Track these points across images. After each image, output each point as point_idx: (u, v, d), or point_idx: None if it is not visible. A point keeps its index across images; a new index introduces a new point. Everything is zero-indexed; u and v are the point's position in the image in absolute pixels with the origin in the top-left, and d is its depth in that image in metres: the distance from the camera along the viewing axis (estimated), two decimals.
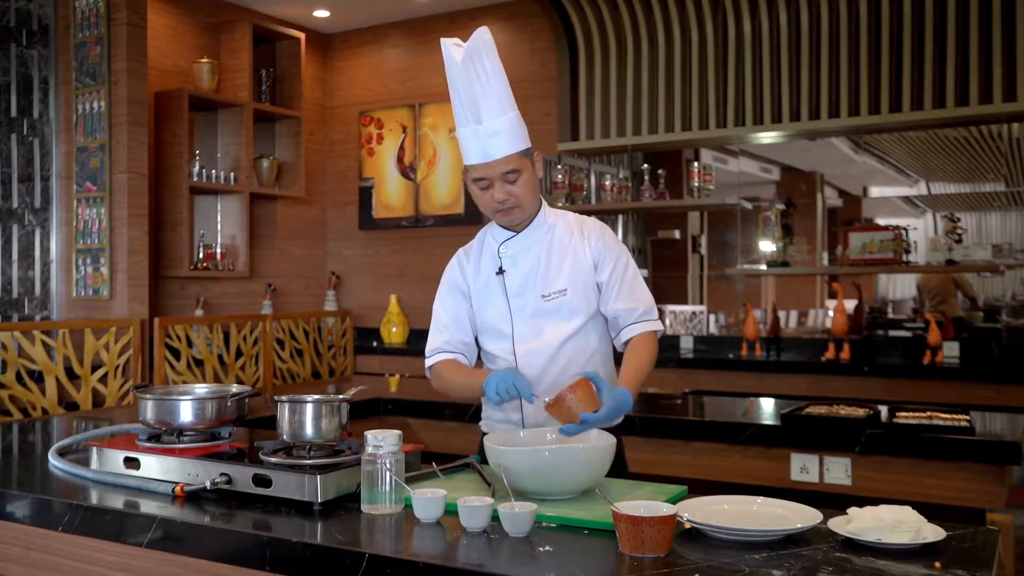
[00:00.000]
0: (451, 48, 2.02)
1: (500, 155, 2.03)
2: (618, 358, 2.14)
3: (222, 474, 1.77)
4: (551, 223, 2.18)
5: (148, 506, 1.73)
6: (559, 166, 5.40)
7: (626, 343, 2.12)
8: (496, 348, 2.17)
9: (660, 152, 5.43)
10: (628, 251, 2.20)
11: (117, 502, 1.78)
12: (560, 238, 2.15)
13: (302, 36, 5.97)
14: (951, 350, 4.53)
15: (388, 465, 1.64)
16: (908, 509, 1.49)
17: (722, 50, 5.03)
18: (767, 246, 5.09)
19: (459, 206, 5.90)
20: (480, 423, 2.29)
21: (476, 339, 2.23)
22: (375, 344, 6.05)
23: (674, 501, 1.61)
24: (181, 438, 1.97)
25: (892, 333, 5.16)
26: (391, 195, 6.20)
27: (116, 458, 1.94)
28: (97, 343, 4.35)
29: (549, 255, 2.13)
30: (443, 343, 2.19)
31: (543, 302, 2.11)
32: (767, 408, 3.29)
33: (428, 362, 2.21)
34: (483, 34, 2.01)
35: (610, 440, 1.78)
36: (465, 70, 2.00)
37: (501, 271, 2.16)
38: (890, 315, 5.39)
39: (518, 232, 2.16)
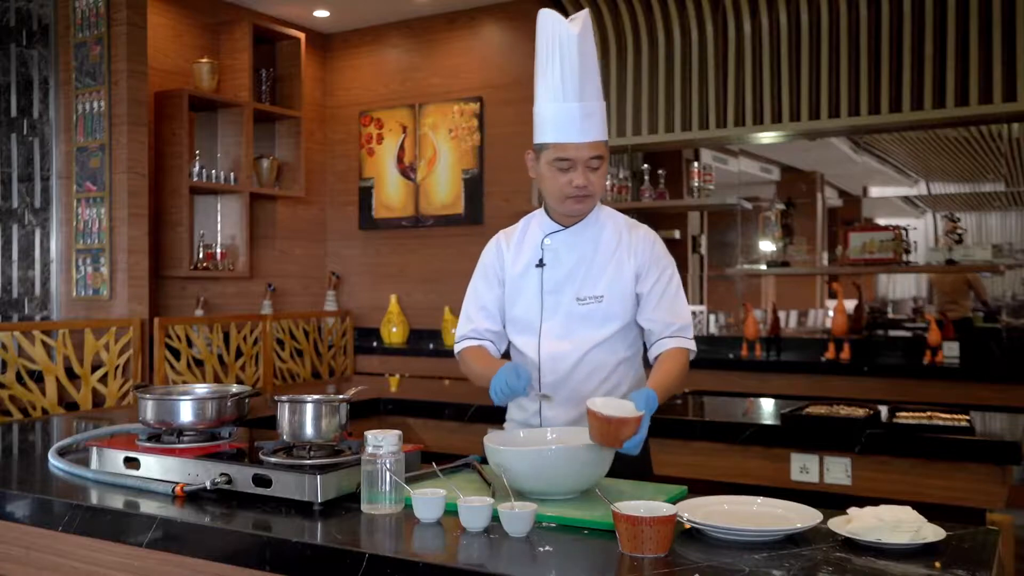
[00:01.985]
0: (561, 19, 1.96)
1: (595, 137, 1.97)
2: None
3: (222, 474, 1.77)
4: (601, 222, 2.11)
5: (148, 506, 1.73)
6: None
7: (657, 357, 2.06)
8: (522, 342, 2.13)
9: (660, 152, 5.43)
10: (675, 264, 2.13)
11: (117, 502, 1.78)
12: (607, 240, 2.08)
13: (302, 36, 5.97)
14: (951, 350, 4.53)
15: (388, 465, 1.64)
16: (908, 509, 1.49)
17: (722, 50, 5.03)
18: (767, 246, 5.09)
19: (459, 206, 5.90)
20: (504, 425, 2.25)
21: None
22: (375, 344, 6.05)
23: (674, 501, 1.60)
24: (181, 438, 1.96)
25: (892, 333, 5.16)
26: (391, 195, 6.20)
27: (116, 458, 1.94)
28: (97, 343, 4.35)
29: (593, 257, 2.07)
30: (471, 330, 2.16)
31: (577, 305, 2.05)
32: (767, 408, 3.29)
33: (456, 348, 2.19)
34: (588, 16, 1.97)
35: None
36: (579, 44, 1.93)
37: (541, 263, 2.09)
38: (890, 315, 5.39)
39: (566, 227, 2.09)
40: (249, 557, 1.56)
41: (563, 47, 1.94)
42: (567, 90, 1.95)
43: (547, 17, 1.97)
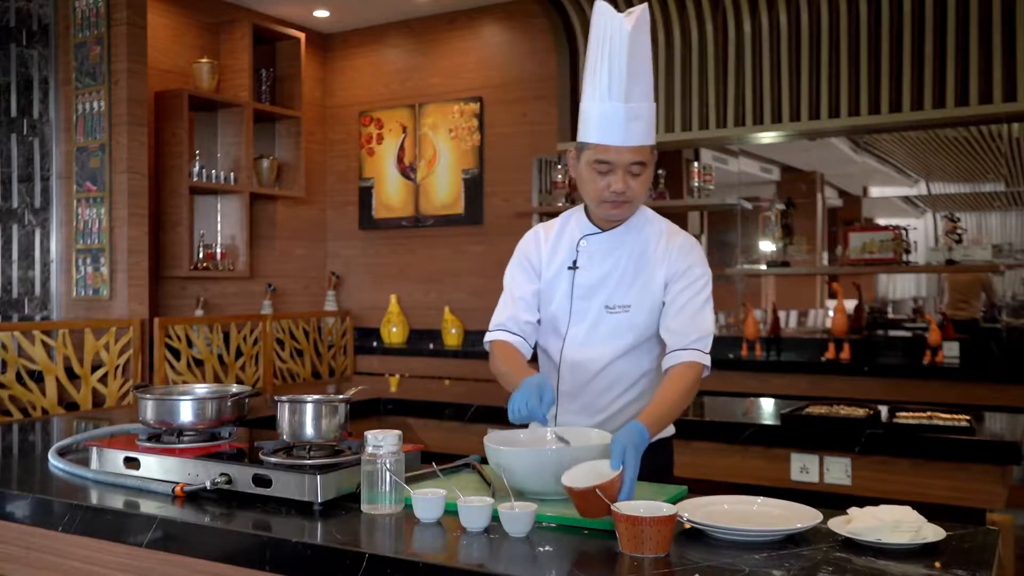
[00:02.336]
0: (615, 14, 1.86)
1: (638, 142, 1.87)
2: None
3: (222, 474, 1.77)
4: (641, 228, 2.01)
5: (148, 506, 1.73)
6: (559, 166, 5.40)
7: (666, 371, 1.92)
8: (546, 344, 2.07)
9: (660, 152, 5.40)
10: (710, 276, 2.01)
11: (117, 502, 1.78)
12: (644, 247, 1.99)
13: (302, 36, 5.97)
14: (951, 350, 4.52)
15: (388, 465, 1.64)
16: (908, 509, 1.49)
17: (722, 50, 5.03)
18: (767, 246, 5.09)
19: (459, 206, 5.90)
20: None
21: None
22: (375, 344, 6.05)
23: (674, 501, 1.60)
24: (181, 438, 1.96)
25: (892, 333, 5.16)
26: (391, 195, 6.20)
27: (116, 458, 1.94)
28: (97, 343, 4.35)
29: (627, 264, 1.98)
30: (507, 319, 2.03)
31: (605, 312, 1.98)
32: (767, 408, 3.29)
33: (489, 336, 2.06)
34: (647, 12, 1.87)
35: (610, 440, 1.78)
36: (631, 42, 1.83)
37: (574, 266, 2.01)
38: (890, 315, 5.38)
39: (604, 230, 2.01)
40: (249, 557, 1.56)
41: (613, 44, 1.84)
42: (613, 90, 1.85)
43: (602, 10, 1.87)
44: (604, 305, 1.99)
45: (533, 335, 2.06)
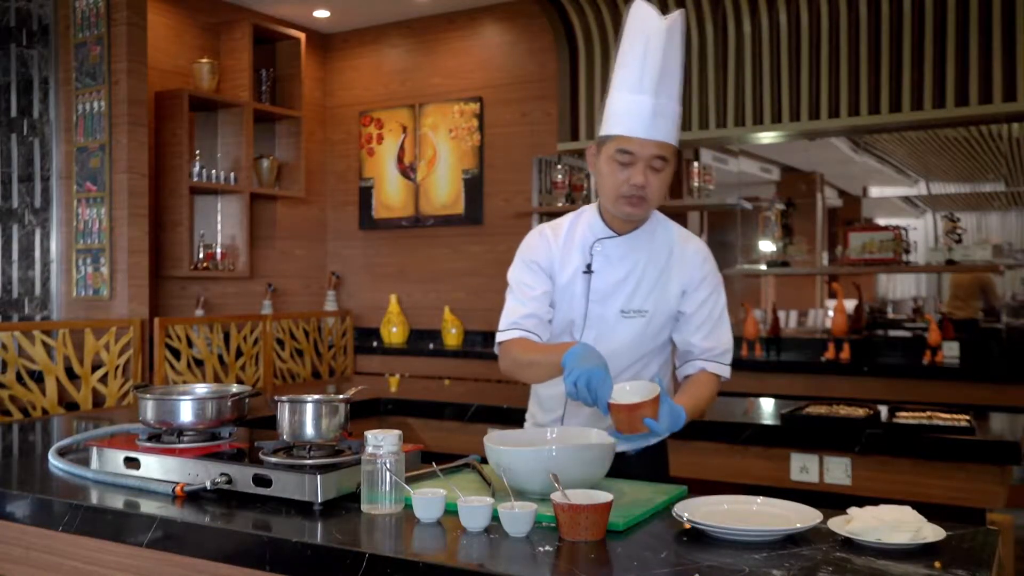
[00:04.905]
0: (654, 11, 1.89)
1: (662, 137, 1.87)
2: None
3: (222, 474, 1.77)
4: (655, 232, 2.02)
5: (148, 506, 1.73)
6: (559, 166, 5.40)
7: (688, 376, 2.00)
8: None
9: None
10: (723, 282, 2.05)
11: (117, 502, 1.78)
12: (658, 252, 2.00)
13: (302, 36, 5.97)
14: (951, 350, 4.52)
15: (388, 465, 1.64)
16: (908, 509, 1.49)
17: (722, 50, 5.03)
18: (767, 246, 5.09)
19: (459, 206, 5.90)
20: (525, 425, 2.18)
21: None
22: (375, 344, 6.05)
23: (674, 501, 1.60)
24: (181, 438, 1.96)
25: (892, 333, 5.16)
26: (391, 195, 6.20)
27: (116, 458, 1.94)
28: (97, 343, 4.35)
29: (644, 269, 1.98)
30: (523, 316, 1.96)
31: (621, 318, 1.97)
32: (767, 408, 3.28)
33: (502, 336, 1.98)
34: (682, 18, 1.90)
35: (610, 440, 1.78)
36: (666, 38, 1.86)
37: (589, 269, 1.99)
38: (890, 315, 5.39)
39: (619, 233, 1.99)
40: (249, 557, 1.56)
41: (650, 39, 1.85)
42: (645, 83, 1.85)
43: (640, 8, 1.89)
44: (620, 310, 1.97)
45: (546, 335, 2.01)
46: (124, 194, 4.70)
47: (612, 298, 1.98)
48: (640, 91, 1.86)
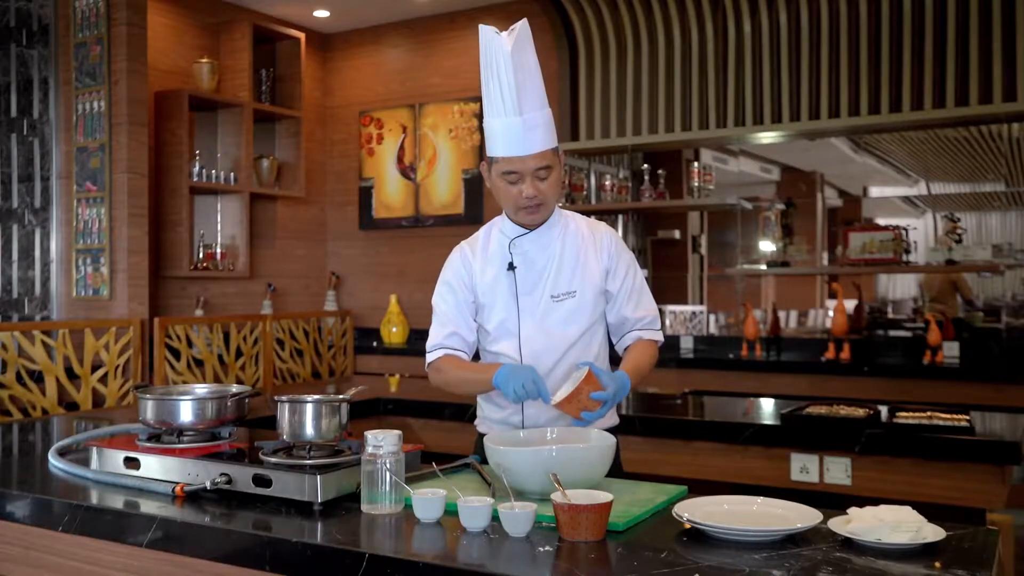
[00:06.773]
0: (496, 35, 1.99)
1: (539, 149, 1.99)
2: (615, 362, 2.11)
3: (222, 474, 1.77)
4: (564, 222, 2.15)
5: (148, 506, 1.73)
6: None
7: (627, 348, 2.14)
8: (501, 347, 2.12)
9: (660, 152, 5.43)
10: (635, 257, 2.21)
11: (117, 502, 1.78)
12: (572, 239, 2.13)
13: (302, 36, 5.97)
14: (951, 350, 4.53)
15: (388, 465, 1.64)
16: (908, 509, 1.49)
17: (722, 50, 5.03)
18: (767, 246, 5.09)
19: (459, 206, 5.90)
20: (476, 423, 2.25)
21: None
22: (375, 344, 6.05)
23: (674, 501, 1.61)
24: (181, 438, 1.96)
25: (892, 333, 5.16)
26: (391, 195, 6.20)
27: (116, 458, 1.94)
28: (97, 343, 4.35)
29: (562, 255, 2.11)
30: (445, 338, 2.13)
31: (552, 302, 2.08)
32: (767, 408, 3.29)
33: (430, 357, 2.14)
34: (526, 26, 2.01)
35: (610, 440, 1.79)
36: (513, 59, 1.96)
37: (512, 267, 2.10)
38: (890, 315, 5.39)
39: (531, 229, 2.12)
40: (249, 557, 1.56)
41: (498, 63, 1.97)
42: (508, 105, 1.97)
43: (484, 33, 2.01)
44: (550, 295, 2.09)
45: (472, 352, 2.16)
46: (124, 194, 4.70)
47: (539, 287, 2.10)
48: (505, 113, 1.98)
